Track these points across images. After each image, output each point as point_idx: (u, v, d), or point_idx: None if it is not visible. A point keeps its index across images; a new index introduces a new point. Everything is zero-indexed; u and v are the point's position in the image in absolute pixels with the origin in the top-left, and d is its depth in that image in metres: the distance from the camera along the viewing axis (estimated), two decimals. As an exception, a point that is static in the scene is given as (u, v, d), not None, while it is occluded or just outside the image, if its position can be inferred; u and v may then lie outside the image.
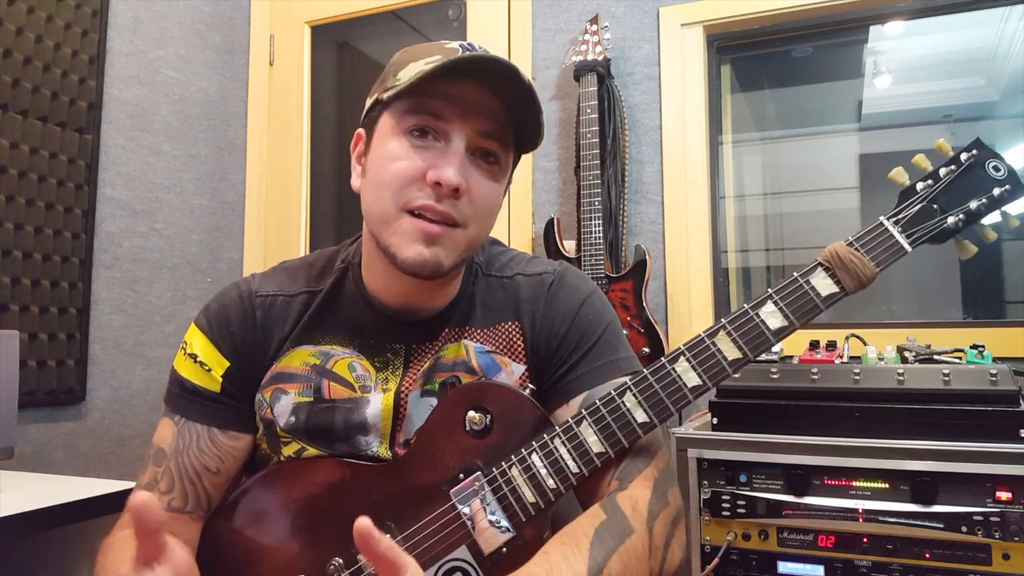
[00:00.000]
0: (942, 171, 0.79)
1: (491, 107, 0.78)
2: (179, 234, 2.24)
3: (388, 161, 0.78)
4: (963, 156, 0.79)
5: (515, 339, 0.87)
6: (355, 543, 0.59)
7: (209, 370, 0.86)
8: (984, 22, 2.42)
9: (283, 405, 0.85)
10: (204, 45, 2.36)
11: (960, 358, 1.28)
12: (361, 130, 0.85)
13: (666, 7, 2.05)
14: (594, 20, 2.00)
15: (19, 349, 1.45)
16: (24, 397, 1.69)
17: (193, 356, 0.87)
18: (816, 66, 2.60)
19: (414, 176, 0.76)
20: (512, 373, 0.86)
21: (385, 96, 0.79)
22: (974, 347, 1.28)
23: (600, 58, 1.95)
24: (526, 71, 0.78)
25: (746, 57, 2.29)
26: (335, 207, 2.60)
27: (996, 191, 0.78)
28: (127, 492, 1.39)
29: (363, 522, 0.59)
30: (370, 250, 0.85)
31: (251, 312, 0.88)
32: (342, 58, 2.67)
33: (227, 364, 0.86)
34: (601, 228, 1.84)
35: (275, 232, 2.47)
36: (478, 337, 0.87)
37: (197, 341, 0.87)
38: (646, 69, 2.07)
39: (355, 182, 0.84)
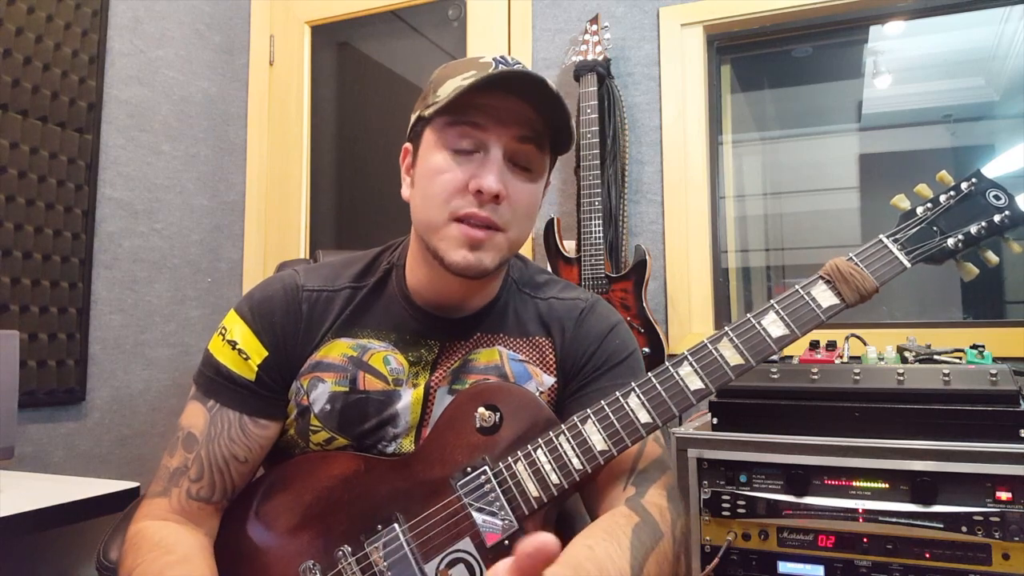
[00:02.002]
0: (942, 197, 0.82)
1: (525, 114, 0.84)
2: (179, 234, 2.24)
3: (434, 174, 0.84)
4: (963, 185, 0.83)
5: (547, 353, 0.94)
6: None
7: (247, 358, 0.89)
8: (984, 22, 2.42)
9: (319, 393, 0.88)
10: (204, 45, 2.36)
11: (960, 358, 1.28)
12: (408, 144, 0.91)
13: (666, 7, 2.05)
14: (594, 20, 2.00)
15: (19, 349, 1.45)
16: (24, 397, 1.70)
17: (232, 343, 0.89)
18: (816, 66, 2.60)
19: (458, 187, 0.82)
20: (542, 383, 0.92)
21: (427, 113, 0.86)
22: (974, 347, 1.28)
23: (600, 58, 1.95)
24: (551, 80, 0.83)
25: (746, 57, 2.29)
26: (335, 207, 2.60)
27: (996, 217, 0.81)
28: (127, 492, 1.40)
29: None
30: (416, 252, 0.91)
31: (296, 305, 0.92)
32: (342, 58, 2.67)
33: (266, 354, 0.89)
34: (601, 228, 1.84)
35: (275, 232, 2.47)
36: (510, 345, 0.93)
37: (238, 328, 0.90)
38: (646, 69, 2.07)
39: (405, 192, 0.91)
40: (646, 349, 1.78)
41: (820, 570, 1.17)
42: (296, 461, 0.88)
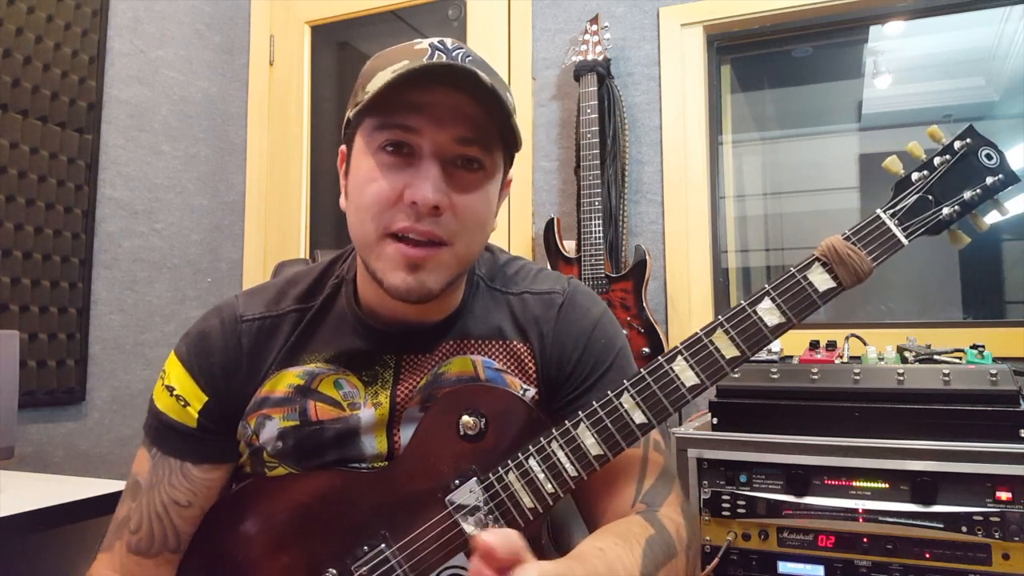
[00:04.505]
0: (936, 160, 0.79)
1: (467, 110, 0.73)
2: (179, 234, 2.24)
3: (365, 183, 0.74)
4: (956, 144, 0.79)
5: (526, 361, 0.85)
6: (477, 555, 0.58)
7: (186, 405, 0.82)
8: (984, 22, 2.42)
9: (269, 431, 0.81)
10: (204, 45, 2.36)
11: (960, 358, 1.28)
12: (343, 147, 0.82)
13: (666, 7, 2.04)
14: (594, 20, 2.00)
15: (19, 349, 1.45)
16: (24, 397, 1.69)
17: (170, 389, 0.83)
18: (816, 66, 2.60)
19: (391, 198, 0.73)
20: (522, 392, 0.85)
21: (351, 114, 0.76)
22: (974, 347, 1.28)
23: (600, 58, 1.95)
24: (498, 68, 0.75)
25: (746, 57, 2.29)
26: (335, 207, 2.59)
27: (989, 180, 0.77)
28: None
29: (482, 541, 0.58)
30: (362, 268, 0.82)
31: (235, 340, 0.83)
32: (342, 58, 2.67)
33: (205, 399, 0.82)
34: (601, 228, 1.84)
35: (275, 232, 2.47)
36: (484, 351, 0.85)
37: (175, 372, 0.83)
38: (646, 69, 2.06)
39: (342, 202, 0.81)
40: (646, 349, 1.78)
41: (820, 570, 1.17)
42: (268, 480, 0.82)
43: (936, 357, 1.30)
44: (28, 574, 1.44)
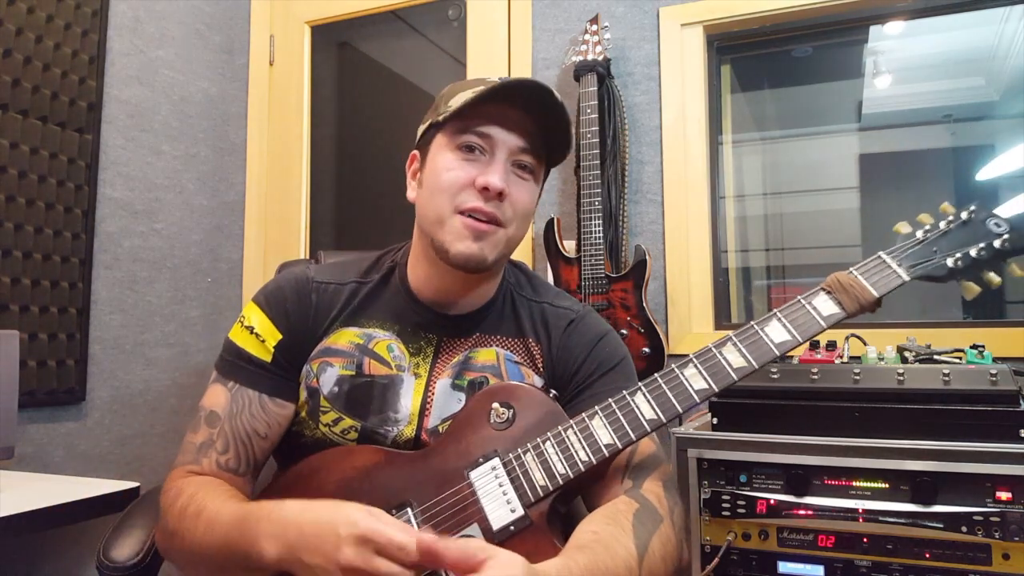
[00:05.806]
0: (942, 223, 0.88)
1: (527, 125, 0.93)
2: (179, 234, 2.24)
3: (443, 171, 0.92)
4: (964, 213, 0.88)
5: (536, 357, 1.01)
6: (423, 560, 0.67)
7: (263, 341, 0.97)
8: (984, 22, 2.42)
9: (328, 376, 0.96)
10: (204, 45, 2.36)
11: (960, 358, 1.28)
12: (416, 151, 1.01)
13: (666, 7, 2.04)
14: (594, 20, 2.00)
15: (19, 349, 1.45)
16: (24, 397, 1.69)
17: (250, 328, 0.98)
18: (816, 66, 2.60)
19: (465, 182, 0.91)
20: (534, 384, 0.98)
21: (440, 118, 0.95)
22: (974, 347, 1.28)
23: (600, 58, 1.94)
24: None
25: (746, 57, 2.29)
26: (335, 207, 2.60)
27: (997, 243, 0.86)
28: (127, 492, 1.40)
29: (423, 539, 0.67)
30: (419, 251, 1.00)
31: (306, 295, 1.00)
32: (342, 58, 2.67)
33: (280, 336, 0.97)
34: (601, 228, 1.84)
35: (275, 232, 2.47)
36: (507, 346, 1.01)
37: (254, 315, 0.99)
38: (646, 69, 2.06)
39: (411, 194, 1.00)
40: (646, 349, 1.78)
41: (820, 570, 1.17)
42: (321, 455, 0.94)
43: (936, 357, 1.30)
44: (28, 574, 1.44)
